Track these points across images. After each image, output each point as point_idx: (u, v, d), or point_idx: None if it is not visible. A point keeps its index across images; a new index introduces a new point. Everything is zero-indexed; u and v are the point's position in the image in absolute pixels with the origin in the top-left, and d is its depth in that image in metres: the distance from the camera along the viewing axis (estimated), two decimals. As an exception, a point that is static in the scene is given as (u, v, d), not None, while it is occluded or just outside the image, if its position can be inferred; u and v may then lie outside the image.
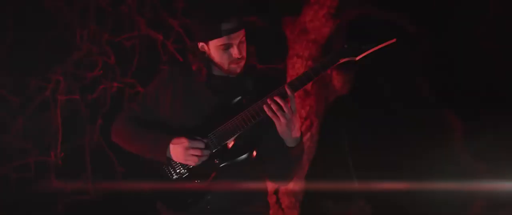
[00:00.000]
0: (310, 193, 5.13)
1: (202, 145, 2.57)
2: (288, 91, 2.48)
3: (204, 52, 2.67)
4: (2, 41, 4.82)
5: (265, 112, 2.50)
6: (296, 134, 2.51)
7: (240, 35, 2.60)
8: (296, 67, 5.02)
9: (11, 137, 4.82)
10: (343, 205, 5.87)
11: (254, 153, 2.61)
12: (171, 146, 2.60)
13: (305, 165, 5.03)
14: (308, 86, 4.98)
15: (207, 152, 2.58)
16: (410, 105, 6.04)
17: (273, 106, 2.46)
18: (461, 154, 5.95)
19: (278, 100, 2.46)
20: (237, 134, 2.58)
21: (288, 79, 5.00)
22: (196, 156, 2.56)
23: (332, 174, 5.41)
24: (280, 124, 2.47)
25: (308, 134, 4.99)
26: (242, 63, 2.66)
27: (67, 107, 4.97)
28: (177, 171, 2.66)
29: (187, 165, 2.63)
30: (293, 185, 4.94)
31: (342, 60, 2.54)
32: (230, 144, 2.60)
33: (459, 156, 5.92)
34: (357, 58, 2.55)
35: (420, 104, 6.13)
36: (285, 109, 2.45)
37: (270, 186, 4.81)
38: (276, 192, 4.94)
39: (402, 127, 5.87)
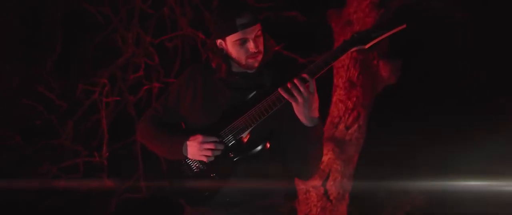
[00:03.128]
0: (360, 184, 5.07)
1: (216, 139, 2.63)
2: (306, 77, 2.49)
3: (222, 49, 2.72)
4: (51, 48, 5.01)
5: (277, 104, 2.54)
6: (314, 113, 2.53)
7: (255, 30, 2.63)
8: (340, 59, 4.96)
9: (62, 140, 5.00)
10: (396, 195, 5.80)
11: (268, 145, 2.64)
12: (188, 143, 2.67)
13: (353, 156, 4.98)
14: (354, 77, 4.94)
15: (221, 146, 2.63)
16: (465, 95, 5.92)
17: (291, 87, 2.48)
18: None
19: (296, 81, 2.48)
20: (252, 128, 2.61)
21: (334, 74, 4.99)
22: (210, 149, 2.62)
23: (382, 166, 5.35)
24: (298, 104, 2.49)
25: (356, 125, 4.94)
26: (260, 57, 2.69)
27: (116, 109, 5.12)
28: (196, 165, 2.72)
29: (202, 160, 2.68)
30: (341, 177, 4.90)
31: (351, 50, 2.54)
32: (245, 138, 2.65)
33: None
34: (367, 46, 2.54)
35: (476, 93, 6.00)
36: (301, 88, 2.46)
37: (313, 180, 4.80)
38: (324, 183, 4.90)
39: (457, 117, 5.76)
